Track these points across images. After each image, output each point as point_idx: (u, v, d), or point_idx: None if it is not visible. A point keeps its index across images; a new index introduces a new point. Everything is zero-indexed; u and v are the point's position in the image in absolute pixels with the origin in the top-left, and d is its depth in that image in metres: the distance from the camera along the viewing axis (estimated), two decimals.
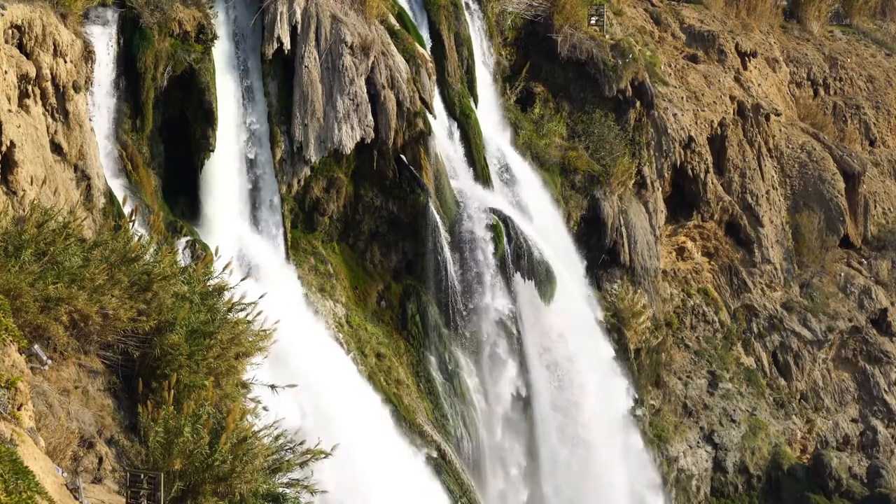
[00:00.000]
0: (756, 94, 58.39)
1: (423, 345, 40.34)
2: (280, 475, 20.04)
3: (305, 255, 38.72)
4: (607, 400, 45.56)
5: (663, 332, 50.71)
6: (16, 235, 19.80)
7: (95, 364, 20.44)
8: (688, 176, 53.28)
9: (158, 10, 34.54)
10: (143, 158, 34.71)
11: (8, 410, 15.79)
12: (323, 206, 39.26)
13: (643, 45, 54.44)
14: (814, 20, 67.84)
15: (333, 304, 38.58)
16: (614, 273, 48.35)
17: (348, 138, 38.19)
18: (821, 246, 57.99)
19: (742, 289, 55.26)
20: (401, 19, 42.10)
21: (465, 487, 38.34)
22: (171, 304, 20.85)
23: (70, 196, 28.60)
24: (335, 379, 35.32)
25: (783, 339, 55.27)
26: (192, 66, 35.27)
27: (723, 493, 51.06)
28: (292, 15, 37.66)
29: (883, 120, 65.90)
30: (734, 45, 59.66)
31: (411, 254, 40.74)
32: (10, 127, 27.15)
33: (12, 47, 28.65)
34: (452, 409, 40.11)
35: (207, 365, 20.49)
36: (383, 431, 36.30)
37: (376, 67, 38.81)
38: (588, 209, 47.80)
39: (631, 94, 49.72)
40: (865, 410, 56.23)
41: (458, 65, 44.16)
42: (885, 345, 57.35)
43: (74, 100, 30.59)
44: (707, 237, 54.75)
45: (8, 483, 13.81)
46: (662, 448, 49.10)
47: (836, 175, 59.06)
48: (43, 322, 19.13)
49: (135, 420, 19.88)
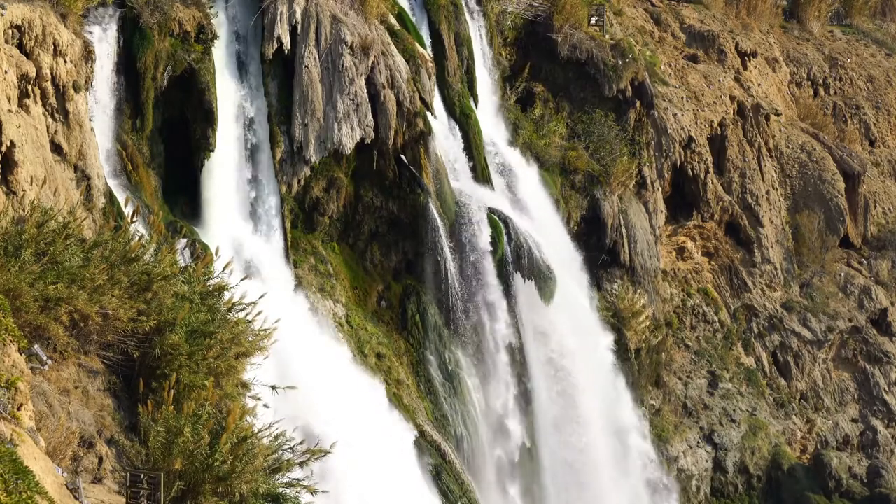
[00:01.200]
0: (756, 94, 58.39)
1: (422, 345, 40.33)
2: (280, 475, 20.04)
3: (305, 255, 38.71)
4: (607, 399, 45.57)
5: (663, 332, 50.71)
6: (16, 235, 19.81)
7: (95, 364, 20.44)
8: (688, 176, 53.27)
9: (158, 10, 34.53)
10: (143, 158, 34.70)
11: (8, 410, 15.79)
12: (323, 206, 39.26)
13: (643, 45, 54.43)
14: (814, 20, 67.83)
15: (333, 304, 38.58)
16: (614, 273, 48.35)
17: (348, 138, 38.18)
18: (821, 246, 57.99)
19: (742, 289, 55.26)
20: (401, 19, 42.09)
21: (465, 487, 38.33)
22: (171, 304, 20.85)
23: (70, 196, 28.60)
24: (335, 379, 35.31)
25: (783, 339, 55.27)
26: (192, 66, 35.26)
27: (723, 493, 51.06)
28: (292, 15, 37.65)
29: (883, 120, 65.89)
30: (734, 45, 59.66)
31: (411, 254, 40.73)
32: (10, 127, 27.14)
33: (12, 47, 28.65)
34: (452, 410, 40.10)
35: (207, 365, 20.49)
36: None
37: (376, 67, 38.81)
38: (588, 209, 47.80)
39: (631, 94, 49.72)
40: (865, 410, 56.23)
41: (458, 65, 44.16)
42: (885, 345, 57.35)
43: (74, 100, 30.58)
44: (707, 237, 54.74)
45: (8, 483, 13.81)
46: (662, 448, 49.09)
47: (836, 175, 59.05)
48: (43, 322, 19.13)
49: (135, 420, 19.89)
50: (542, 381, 43.00)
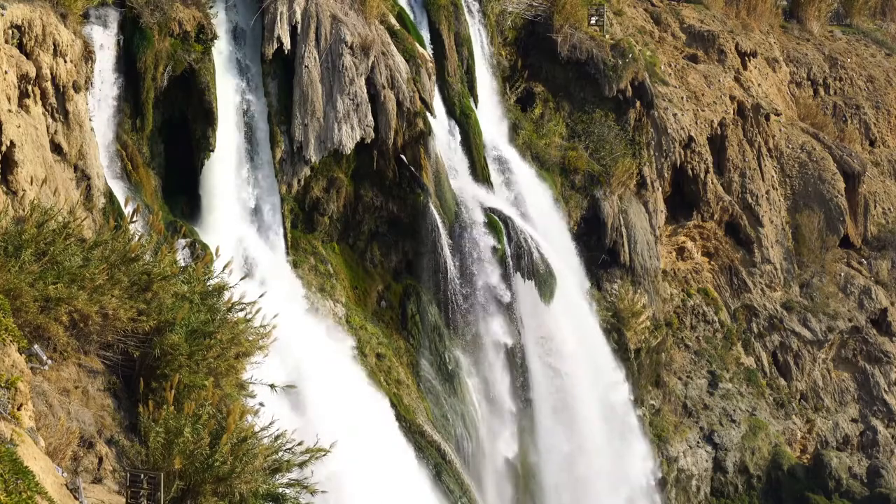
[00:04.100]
0: (756, 94, 58.39)
1: (422, 345, 40.34)
2: (280, 475, 20.03)
3: (305, 255, 38.71)
4: (607, 398, 45.57)
5: (663, 332, 50.71)
6: (16, 235, 19.79)
7: (95, 364, 20.44)
8: (688, 176, 53.27)
9: (158, 10, 34.53)
10: (143, 158, 34.70)
11: (8, 410, 15.79)
12: (323, 206, 39.26)
13: (643, 45, 54.43)
14: (814, 20, 67.82)
15: (333, 303, 38.58)
16: (614, 273, 48.36)
17: (348, 138, 38.18)
18: (821, 246, 57.99)
19: (742, 289, 55.26)
20: (401, 19, 42.10)
21: (464, 487, 38.33)
22: (171, 304, 20.84)
23: (70, 196, 28.60)
24: (333, 378, 35.31)
25: (783, 339, 55.27)
26: (192, 66, 35.25)
27: (723, 493, 51.06)
28: (292, 15, 37.66)
29: (883, 120, 65.89)
30: (734, 45, 59.65)
31: (411, 254, 40.74)
32: (10, 127, 27.14)
33: (12, 47, 28.65)
34: (452, 410, 40.10)
35: (207, 365, 20.48)
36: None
37: (376, 67, 38.81)
38: (588, 209, 47.82)
39: (631, 94, 49.73)
40: (865, 410, 56.24)
41: (458, 65, 44.16)
42: (885, 345, 57.35)
43: (74, 100, 30.58)
44: (707, 237, 54.74)
45: (8, 483, 13.81)
46: (662, 448, 49.09)
47: (836, 175, 59.05)
48: (43, 322, 19.13)
49: (135, 420, 19.88)
50: (542, 380, 43.01)
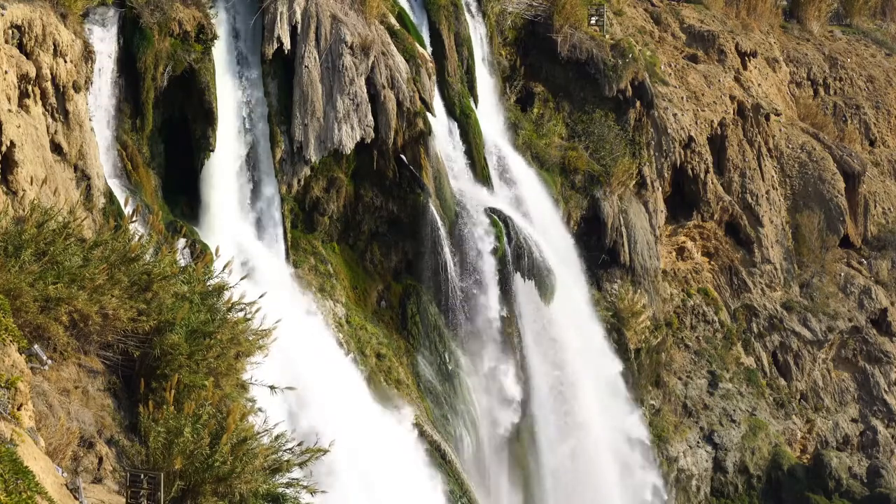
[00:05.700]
0: (756, 94, 58.38)
1: (422, 345, 40.34)
2: (280, 475, 20.03)
3: (305, 255, 38.71)
4: (607, 398, 45.56)
5: (663, 332, 50.71)
6: (16, 235, 19.78)
7: (95, 364, 20.43)
8: (688, 176, 53.27)
9: (158, 10, 34.53)
10: (143, 158, 34.70)
11: (8, 410, 15.79)
12: (323, 206, 39.26)
13: (643, 45, 54.42)
14: (814, 20, 67.81)
15: (333, 304, 38.58)
16: (614, 273, 48.35)
17: (348, 138, 38.18)
18: (821, 246, 57.98)
19: (742, 289, 55.25)
20: (401, 19, 42.09)
21: (464, 487, 38.33)
22: (171, 304, 20.84)
23: (70, 196, 28.60)
24: (333, 378, 35.32)
25: (783, 339, 55.26)
26: (192, 66, 35.25)
27: (723, 493, 51.06)
28: (292, 15, 37.66)
29: (883, 120, 65.88)
30: (734, 45, 59.65)
31: (411, 254, 40.73)
32: (10, 127, 27.14)
33: (12, 47, 28.65)
34: (452, 410, 40.11)
35: (207, 365, 20.48)
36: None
37: (376, 67, 38.82)
38: (588, 209, 47.81)
39: (631, 94, 49.72)
40: (865, 410, 56.23)
41: (458, 65, 44.16)
42: (885, 345, 57.35)
43: (74, 100, 30.58)
44: (707, 237, 54.74)
45: (8, 483, 13.81)
46: (662, 448, 49.08)
47: (836, 175, 59.04)
48: (43, 322, 19.12)
49: (135, 420, 19.87)
50: (542, 380, 42.99)
